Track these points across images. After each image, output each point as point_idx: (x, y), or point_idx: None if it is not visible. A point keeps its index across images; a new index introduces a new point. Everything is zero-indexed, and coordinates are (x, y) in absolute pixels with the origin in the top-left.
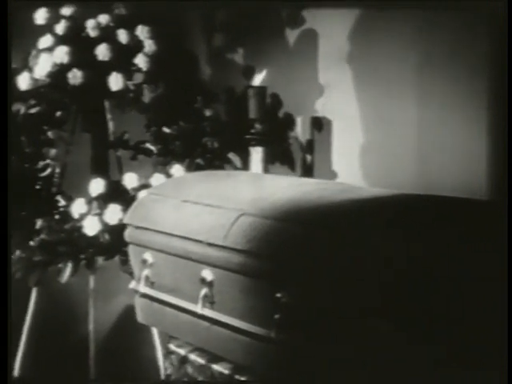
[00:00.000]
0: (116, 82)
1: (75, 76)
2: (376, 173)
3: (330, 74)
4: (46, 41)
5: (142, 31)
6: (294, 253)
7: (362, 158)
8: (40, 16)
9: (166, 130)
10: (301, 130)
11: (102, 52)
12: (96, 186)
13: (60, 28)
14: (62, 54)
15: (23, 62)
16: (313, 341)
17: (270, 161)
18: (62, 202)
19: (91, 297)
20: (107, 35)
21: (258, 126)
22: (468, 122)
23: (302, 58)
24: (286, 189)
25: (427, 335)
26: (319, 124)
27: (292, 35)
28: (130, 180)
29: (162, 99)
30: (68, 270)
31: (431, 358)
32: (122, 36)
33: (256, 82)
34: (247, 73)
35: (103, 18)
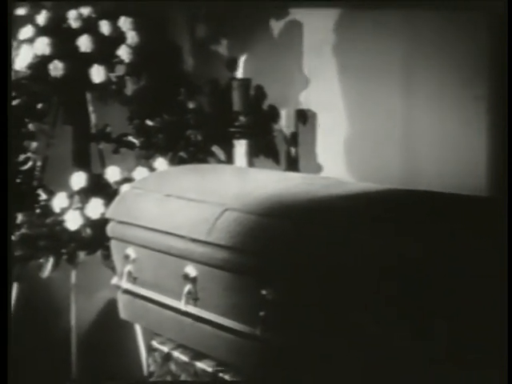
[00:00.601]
0: (98, 73)
1: (56, 68)
2: (361, 166)
3: (314, 66)
4: (26, 32)
5: (124, 22)
6: (279, 249)
7: (346, 150)
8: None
9: (149, 122)
10: (285, 123)
11: (84, 43)
12: (78, 180)
13: (41, 19)
14: (43, 45)
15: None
16: (299, 339)
17: (254, 154)
18: (43, 196)
19: (73, 292)
20: (89, 26)
21: (242, 119)
22: (454, 114)
23: (286, 50)
24: (271, 183)
25: (417, 332)
26: (304, 116)
27: (276, 26)
28: (112, 173)
29: (144, 91)
30: (49, 264)
31: (422, 356)
32: (105, 27)
33: (239, 73)
34: (231, 64)
35: (85, 9)
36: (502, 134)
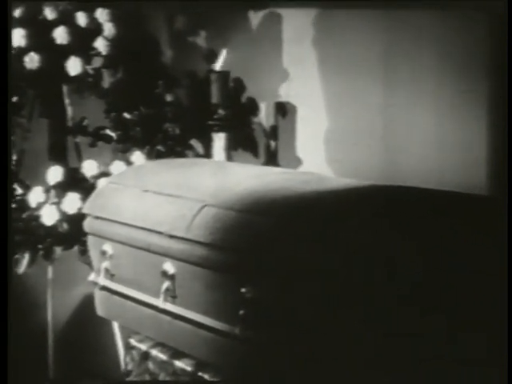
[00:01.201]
0: (74, 66)
1: (32, 60)
2: (341, 159)
3: (294, 58)
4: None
5: (101, 14)
6: (258, 246)
7: (326, 144)
8: None
9: (126, 115)
10: (264, 116)
11: (60, 35)
12: (54, 174)
13: (16, 10)
14: (18, 37)
15: None
16: (279, 337)
17: (233, 147)
18: (19, 191)
19: (49, 288)
20: (65, 18)
21: (220, 112)
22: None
23: (265, 42)
24: (250, 179)
25: (400, 331)
26: (283, 109)
27: (255, 18)
28: (89, 167)
29: (121, 84)
30: (25, 260)
31: (415, 355)
32: (81, 19)
33: (218, 65)
34: (209, 57)
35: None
36: (502, 134)
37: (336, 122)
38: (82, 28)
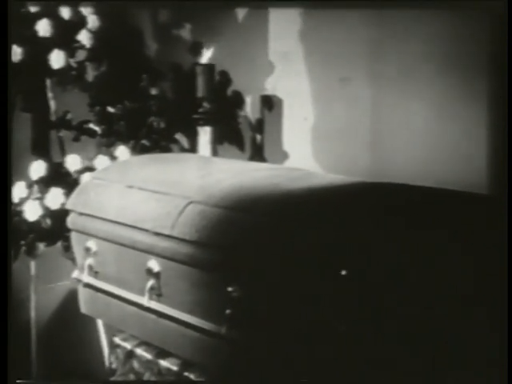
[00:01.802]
0: (58, 59)
1: (15, 53)
2: (327, 154)
3: (280, 51)
4: None
5: (85, 6)
6: (245, 244)
7: (313, 138)
8: None
9: (111, 109)
10: (250, 109)
11: (44, 28)
12: (37, 169)
13: None
14: None
15: None
16: (265, 337)
17: (218, 141)
18: None
19: (32, 283)
20: (49, 10)
21: (206, 105)
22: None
23: (251, 35)
24: (236, 175)
25: (384, 332)
26: (269, 103)
27: (241, 10)
28: (72, 162)
29: (105, 77)
30: None
31: (408, 355)
32: (65, 11)
33: (203, 58)
34: (195, 49)
35: None
36: (502, 134)
37: (322, 115)
38: (65, 21)
